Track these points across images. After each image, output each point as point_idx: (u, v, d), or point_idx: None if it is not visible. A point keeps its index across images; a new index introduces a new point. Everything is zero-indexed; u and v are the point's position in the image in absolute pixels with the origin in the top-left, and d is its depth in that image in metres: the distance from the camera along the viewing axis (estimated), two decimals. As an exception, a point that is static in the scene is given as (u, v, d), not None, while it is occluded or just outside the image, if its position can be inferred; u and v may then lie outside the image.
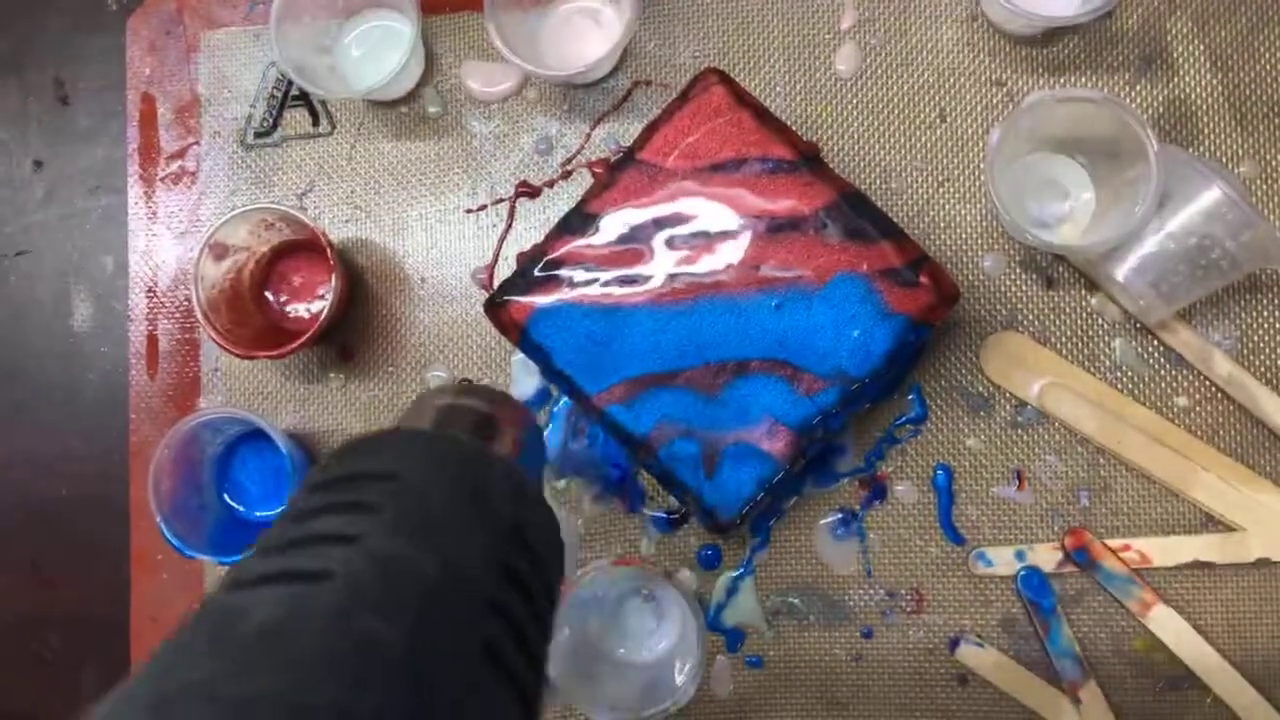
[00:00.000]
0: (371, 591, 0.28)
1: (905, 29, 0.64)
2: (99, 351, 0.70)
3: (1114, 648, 0.60)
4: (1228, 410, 0.61)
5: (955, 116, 0.63)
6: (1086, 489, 0.61)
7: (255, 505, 0.66)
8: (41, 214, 0.71)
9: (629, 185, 0.57)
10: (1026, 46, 0.63)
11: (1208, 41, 0.62)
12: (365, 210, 0.67)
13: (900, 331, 0.55)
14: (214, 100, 0.69)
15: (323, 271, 0.66)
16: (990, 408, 0.62)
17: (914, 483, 0.62)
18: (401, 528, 0.31)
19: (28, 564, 0.70)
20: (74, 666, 0.69)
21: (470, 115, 0.67)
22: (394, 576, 0.29)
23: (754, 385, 0.56)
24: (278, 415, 0.67)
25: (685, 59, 0.66)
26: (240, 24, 0.69)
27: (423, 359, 0.66)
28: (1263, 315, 0.61)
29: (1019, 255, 0.62)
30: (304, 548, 0.30)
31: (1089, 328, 0.62)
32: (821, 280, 0.55)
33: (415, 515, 0.32)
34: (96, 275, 0.70)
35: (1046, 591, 0.61)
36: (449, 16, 0.67)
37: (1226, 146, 0.61)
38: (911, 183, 0.63)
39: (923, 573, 0.62)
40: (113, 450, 0.69)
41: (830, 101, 0.64)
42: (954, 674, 0.61)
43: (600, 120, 0.66)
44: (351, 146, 0.68)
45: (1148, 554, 0.60)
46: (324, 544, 0.30)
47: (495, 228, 0.66)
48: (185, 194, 0.69)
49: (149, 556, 0.67)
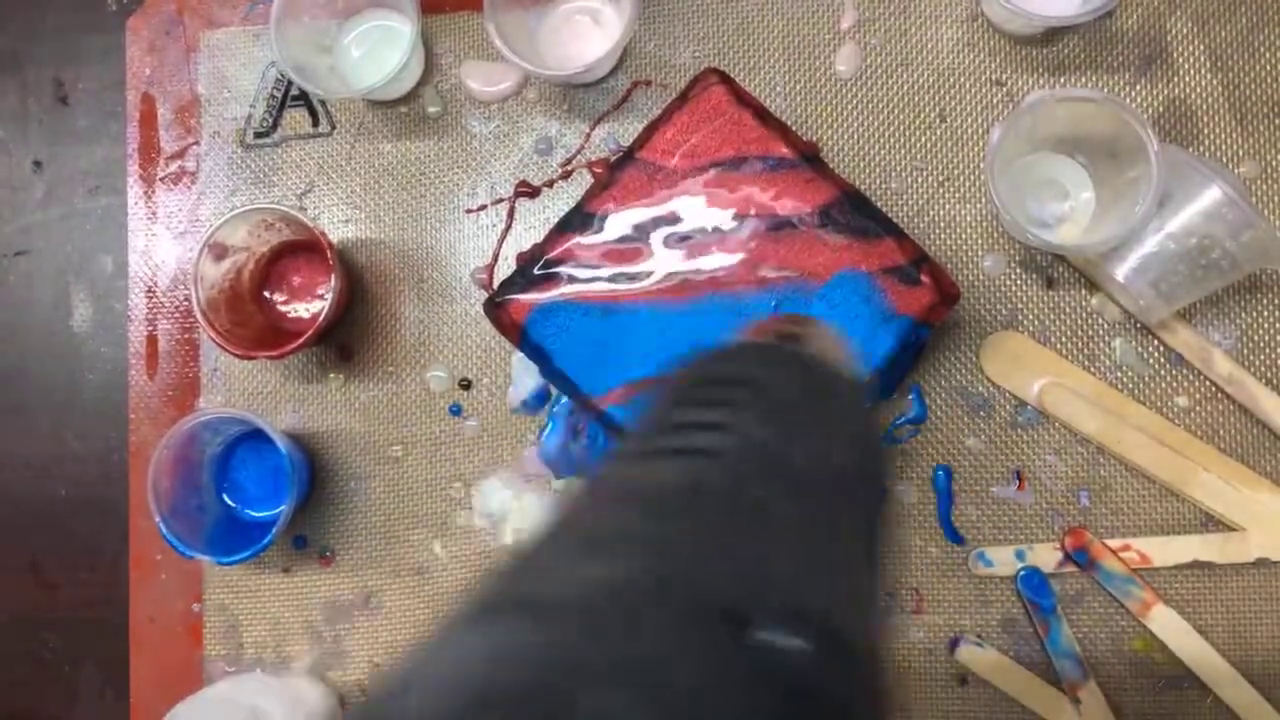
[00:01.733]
0: (755, 468, 0.32)
1: (905, 29, 0.64)
2: (98, 352, 0.70)
3: (1114, 648, 0.60)
4: (1228, 410, 0.61)
5: (955, 116, 0.63)
6: (1086, 489, 0.61)
7: (254, 505, 0.66)
8: (41, 214, 0.71)
9: (629, 185, 0.57)
10: (1026, 46, 0.63)
11: (1208, 41, 0.62)
12: (365, 210, 0.67)
13: (902, 332, 0.55)
14: (214, 100, 0.69)
15: (322, 271, 0.66)
16: (990, 408, 0.62)
17: (914, 482, 0.62)
18: (763, 418, 0.34)
19: (27, 564, 0.70)
20: (74, 666, 0.69)
21: (470, 115, 0.67)
22: (768, 455, 0.33)
23: (754, 385, 0.56)
24: (277, 415, 0.67)
25: (685, 59, 0.65)
26: (240, 24, 0.69)
27: (422, 359, 0.66)
28: (1263, 315, 0.61)
29: (1019, 255, 0.62)
30: (681, 433, 0.34)
31: (1089, 328, 0.62)
32: (822, 279, 0.55)
33: (776, 410, 0.35)
34: (96, 275, 0.70)
35: (1046, 591, 0.61)
36: (449, 16, 0.67)
37: (1226, 146, 0.61)
38: (911, 183, 0.63)
39: (923, 573, 0.62)
40: (112, 450, 0.69)
41: (830, 101, 0.64)
42: (954, 674, 0.61)
43: (600, 120, 0.66)
44: (351, 146, 0.68)
45: (1148, 554, 0.60)
46: (700, 430, 0.34)
47: (495, 227, 0.66)
48: (185, 194, 0.69)
49: (148, 556, 0.67)
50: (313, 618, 0.66)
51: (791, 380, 0.38)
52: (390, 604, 0.65)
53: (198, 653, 0.66)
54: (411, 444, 0.66)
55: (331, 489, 0.66)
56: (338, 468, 0.66)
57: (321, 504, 0.66)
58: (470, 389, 0.65)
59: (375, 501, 0.66)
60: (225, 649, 0.66)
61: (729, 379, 0.37)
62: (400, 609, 0.65)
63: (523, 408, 0.65)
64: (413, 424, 0.66)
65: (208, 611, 0.66)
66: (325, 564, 0.66)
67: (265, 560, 0.66)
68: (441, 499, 0.65)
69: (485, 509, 0.65)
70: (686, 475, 0.31)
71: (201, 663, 0.66)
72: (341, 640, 0.65)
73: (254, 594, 0.66)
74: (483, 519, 0.65)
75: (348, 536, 0.66)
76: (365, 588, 0.65)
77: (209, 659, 0.66)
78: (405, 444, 0.66)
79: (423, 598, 0.65)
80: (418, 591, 0.65)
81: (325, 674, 0.65)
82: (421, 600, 0.65)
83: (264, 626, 0.66)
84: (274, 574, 0.66)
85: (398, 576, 0.65)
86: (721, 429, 0.33)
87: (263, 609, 0.66)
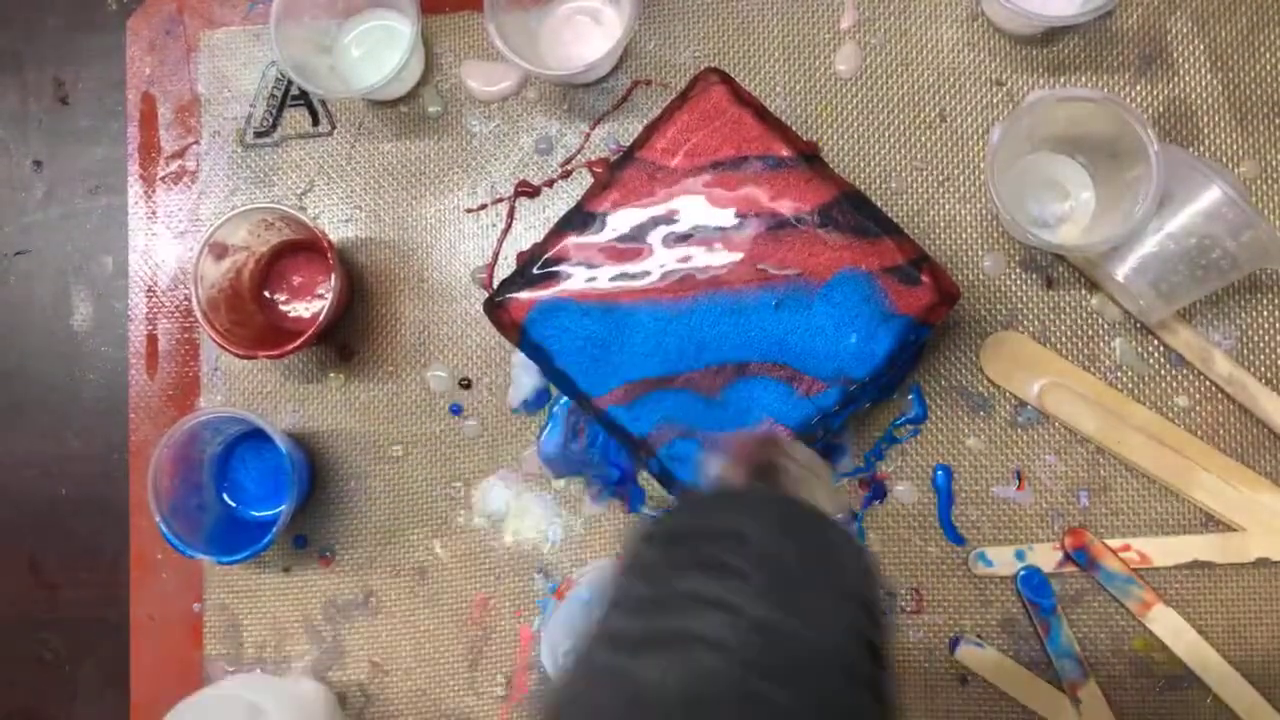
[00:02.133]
0: (761, 659, 0.32)
1: (905, 29, 0.64)
2: (99, 351, 0.70)
3: (1114, 648, 0.60)
4: (1228, 410, 0.61)
5: (955, 116, 0.63)
6: (1086, 489, 0.61)
7: (254, 505, 0.66)
8: (41, 214, 0.71)
9: (629, 184, 0.57)
10: (1026, 46, 0.63)
11: (1208, 41, 0.62)
12: (365, 210, 0.67)
13: (902, 331, 0.55)
14: (214, 100, 0.69)
15: (322, 271, 0.66)
16: (990, 408, 0.62)
17: (914, 483, 0.62)
18: (769, 596, 0.34)
19: (27, 564, 0.70)
20: (74, 666, 0.69)
21: (470, 115, 0.67)
22: (774, 644, 0.32)
23: (754, 386, 0.56)
24: (277, 415, 0.67)
25: (685, 59, 0.65)
26: (240, 24, 0.69)
27: (422, 359, 0.66)
28: (1263, 315, 0.61)
29: (1019, 255, 0.62)
30: (682, 608, 0.33)
31: (1089, 328, 0.62)
32: (823, 278, 0.55)
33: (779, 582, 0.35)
34: (96, 275, 0.70)
35: (1046, 591, 0.61)
36: (449, 16, 0.67)
37: (1226, 146, 0.61)
38: (911, 183, 0.63)
39: (923, 573, 0.62)
40: (112, 450, 0.69)
41: (830, 101, 0.64)
42: (954, 674, 0.61)
43: (600, 120, 0.66)
44: (351, 146, 0.68)
45: (1147, 554, 0.60)
46: (702, 607, 0.33)
47: (495, 227, 0.66)
48: (185, 194, 0.69)
49: (148, 556, 0.67)
50: (313, 618, 0.66)
51: (787, 540, 0.37)
52: (390, 604, 0.65)
53: (198, 652, 0.66)
54: (411, 444, 0.66)
55: (331, 489, 0.66)
56: (338, 467, 0.66)
57: (321, 504, 0.66)
58: (470, 389, 0.65)
59: (375, 501, 0.66)
60: (225, 648, 0.66)
61: (721, 533, 0.37)
62: (400, 609, 0.65)
63: (523, 407, 0.65)
64: (413, 423, 0.66)
65: (208, 611, 0.66)
66: (325, 564, 0.66)
67: (265, 560, 0.66)
68: (441, 499, 0.65)
69: (485, 509, 0.65)
70: (688, 679, 0.31)
71: (201, 662, 0.66)
72: (341, 640, 0.65)
73: (254, 594, 0.66)
74: (482, 519, 0.65)
75: (348, 536, 0.66)
76: (365, 588, 0.65)
77: (209, 658, 0.66)
78: (405, 444, 0.66)
79: (423, 597, 0.65)
80: (418, 591, 0.65)
81: (325, 674, 0.65)
82: (421, 600, 0.65)
83: (264, 626, 0.66)
84: (274, 574, 0.66)
85: (398, 576, 0.65)
86: (721, 608, 0.33)
87: (263, 609, 0.66)
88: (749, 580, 0.34)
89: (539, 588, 0.64)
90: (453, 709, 0.64)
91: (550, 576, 0.64)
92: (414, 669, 0.65)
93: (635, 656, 0.32)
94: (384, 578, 0.65)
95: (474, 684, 0.64)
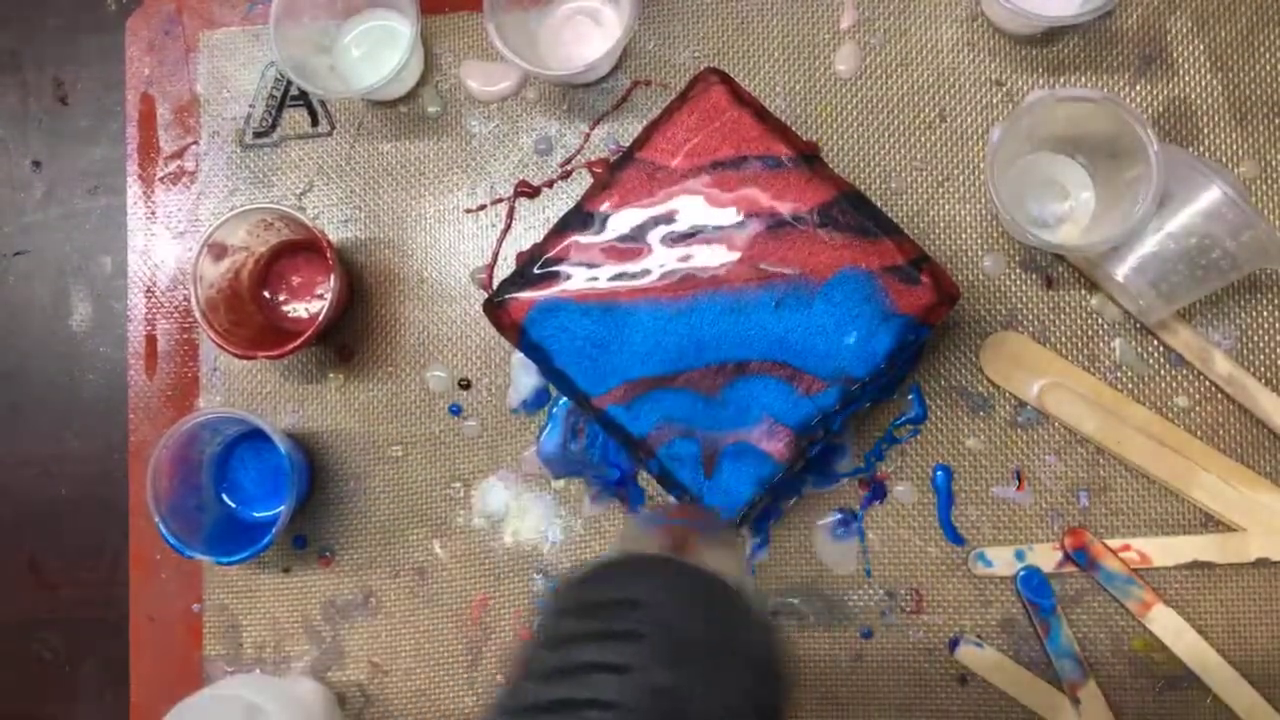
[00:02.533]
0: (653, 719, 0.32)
1: (905, 29, 0.64)
2: (98, 351, 0.70)
3: (1114, 648, 0.60)
4: (1228, 410, 0.61)
5: (955, 116, 0.63)
6: (1086, 489, 0.61)
7: (253, 505, 0.66)
8: (41, 214, 0.71)
9: (629, 184, 0.57)
10: (1026, 46, 0.63)
11: (1208, 41, 0.62)
12: (364, 210, 0.67)
13: (902, 331, 0.55)
14: (213, 100, 0.69)
15: (322, 271, 0.66)
16: (990, 408, 0.62)
17: (914, 483, 0.62)
18: (662, 657, 0.35)
19: (27, 564, 0.70)
20: (73, 666, 0.69)
21: (470, 115, 0.67)
22: (666, 707, 0.33)
23: (754, 386, 0.56)
24: (276, 415, 0.67)
25: (685, 59, 0.65)
26: (239, 24, 0.69)
27: (422, 359, 0.66)
28: (1263, 315, 0.61)
29: (1019, 255, 0.62)
30: (575, 676, 0.34)
31: (1089, 328, 0.62)
32: (823, 277, 0.55)
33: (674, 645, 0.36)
34: (95, 275, 0.70)
35: (1046, 591, 0.61)
36: (449, 16, 0.67)
37: (1226, 146, 0.61)
38: (911, 183, 0.63)
39: (923, 573, 0.62)
40: (112, 450, 0.69)
41: (830, 101, 0.64)
42: (954, 674, 0.61)
43: (600, 120, 0.66)
44: (351, 146, 0.68)
45: (1147, 554, 0.60)
46: (595, 672, 0.34)
47: (495, 227, 0.66)
48: (184, 194, 0.69)
49: (148, 556, 0.67)
50: (312, 618, 0.66)
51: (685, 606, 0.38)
52: (390, 604, 0.65)
53: (198, 652, 0.66)
54: (411, 444, 0.66)
55: (331, 489, 0.66)
56: (338, 468, 0.66)
57: (321, 504, 0.66)
58: (470, 389, 0.65)
59: (375, 501, 0.66)
60: (225, 649, 0.66)
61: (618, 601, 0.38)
62: (400, 609, 0.65)
63: (522, 408, 0.65)
64: (412, 424, 0.66)
65: (208, 611, 0.66)
66: (325, 564, 0.66)
67: (265, 560, 0.66)
68: (441, 499, 0.65)
69: (485, 509, 0.65)
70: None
71: (201, 662, 0.66)
72: (341, 640, 0.65)
73: (254, 594, 0.66)
74: (482, 519, 0.65)
75: (348, 536, 0.66)
76: (365, 588, 0.65)
77: (209, 659, 0.66)
78: (405, 444, 0.66)
79: (423, 598, 0.65)
80: (417, 591, 0.65)
81: (325, 674, 0.65)
82: (421, 600, 0.65)
83: (264, 626, 0.66)
84: (274, 574, 0.66)
85: (398, 576, 0.65)
86: (616, 671, 0.34)
87: (263, 609, 0.66)
88: (643, 643, 0.35)
89: (539, 588, 0.64)
90: (453, 709, 0.64)
91: (550, 577, 0.64)
92: (414, 669, 0.65)
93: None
94: (384, 578, 0.65)
95: (474, 684, 0.64)
